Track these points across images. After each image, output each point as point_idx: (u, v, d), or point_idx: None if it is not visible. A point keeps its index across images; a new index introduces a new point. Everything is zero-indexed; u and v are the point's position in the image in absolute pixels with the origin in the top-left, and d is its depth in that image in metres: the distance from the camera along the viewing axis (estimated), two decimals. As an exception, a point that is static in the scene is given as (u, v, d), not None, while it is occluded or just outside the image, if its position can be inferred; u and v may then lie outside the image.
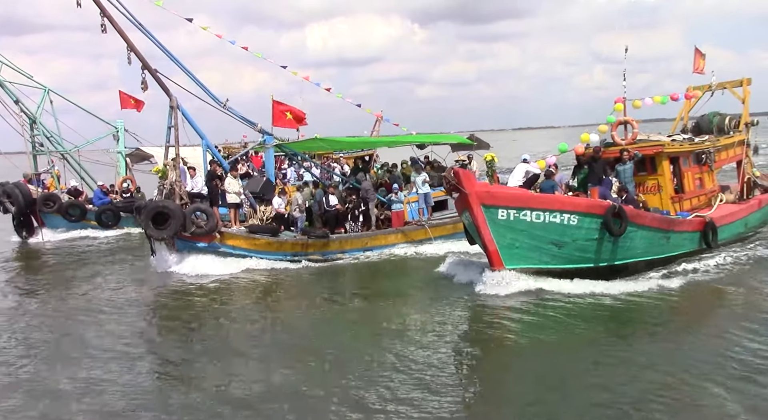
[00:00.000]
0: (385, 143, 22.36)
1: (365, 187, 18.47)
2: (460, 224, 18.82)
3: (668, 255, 14.41)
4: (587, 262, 13.33)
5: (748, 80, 18.53)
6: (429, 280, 15.13)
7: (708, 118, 18.27)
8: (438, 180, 20.38)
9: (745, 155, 18.11)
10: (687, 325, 10.99)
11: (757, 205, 17.47)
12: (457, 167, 12.77)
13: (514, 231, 12.79)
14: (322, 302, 13.64)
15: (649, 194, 15.43)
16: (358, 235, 18.24)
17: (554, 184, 13.97)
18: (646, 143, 15.53)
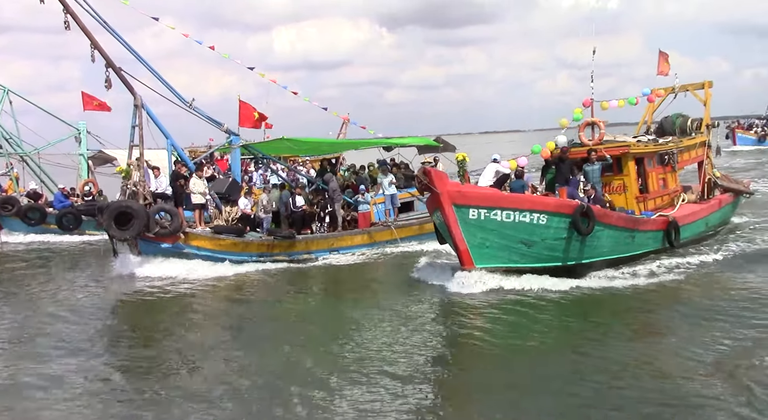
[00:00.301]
0: (351, 145, 22.30)
1: (332, 188, 18.38)
2: (426, 225, 18.94)
3: (633, 253, 14.63)
4: (556, 260, 13.45)
5: (709, 83, 18.95)
6: (397, 280, 15.11)
7: (671, 120, 18.61)
8: (404, 182, 20.44)
9: (707, 156, 18.49)
10: (652, 323, 11.14)
11: (717, 205, 17.85)
12: (429, 167, 12.72)
13: (484, 230, 12.83)
14: (287, 304, 13.46)
15: (615, 194, 15.64)
16: (324, 235, 18.15)
17: (524, 183, 14.06)
18: (613, 144, 15.75)
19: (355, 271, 16.60)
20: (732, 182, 19.38)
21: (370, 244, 18.32)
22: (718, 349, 9.21)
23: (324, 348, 10.14)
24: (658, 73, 19.03)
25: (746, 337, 9.63)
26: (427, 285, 13.90)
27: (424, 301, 12.80)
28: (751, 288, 12.52)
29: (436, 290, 13.35)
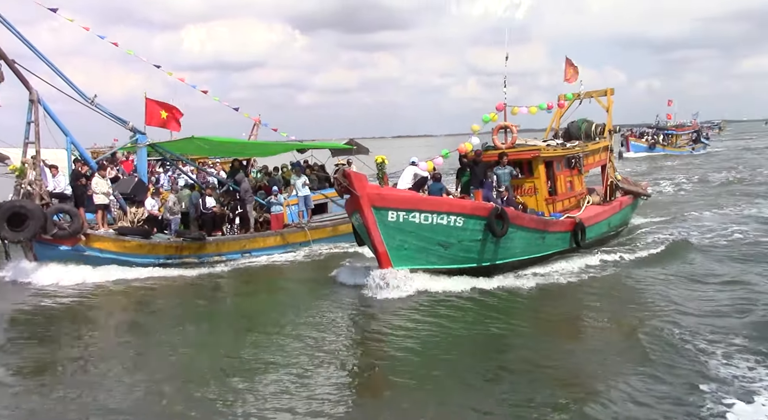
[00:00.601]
0: (264, 147, 21.79)
1: (244, 189, 17.92)
2: (339, 227, 19.00)
3: (543, 254, 15.10)
4: (471, 261, 13.68)
5: (611, 90, 19.90)
6: (313, 283, 14.92)
7: (577, 125, 19.39)
8: (318, 183, 20.23)
9: (609, 160, 19.41)
10: (562, 320, 11.48)
11: (619, 207, 18.76)
12: (348, 169, 12.61)
13: (403, 233, 12.87)
14: (197, 308, 12.97)
15: (526, 196, 16.10)
16: (235, 237, 17.68)
17: (442, 186, 14.22)
18: (524, 148, 16.21)
19: (269, 274, 16.24)
20: (632, 185, 20.44)
21: (284, 246, 18.01)
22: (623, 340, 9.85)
23: (234, 352, 9.82)
24: (565, 80, 19.78)
25: (639, 326, 10.43)
26: (344, 287, 13.78)
27: (340, 304, 12.67)
28: (644, 281, 13.42)
29: (352, 292, 13.24)
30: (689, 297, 12.14)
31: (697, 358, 8.87)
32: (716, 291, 12.55)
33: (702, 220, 21.13)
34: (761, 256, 15.44)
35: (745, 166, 44.65)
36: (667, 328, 10.10)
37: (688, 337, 9.66)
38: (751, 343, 9.37)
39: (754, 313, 10.81)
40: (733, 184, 33.38)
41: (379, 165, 13.05)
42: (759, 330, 9.90)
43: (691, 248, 16.39)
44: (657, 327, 10.18)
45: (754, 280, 12.98)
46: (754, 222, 20.55)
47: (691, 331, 9.97)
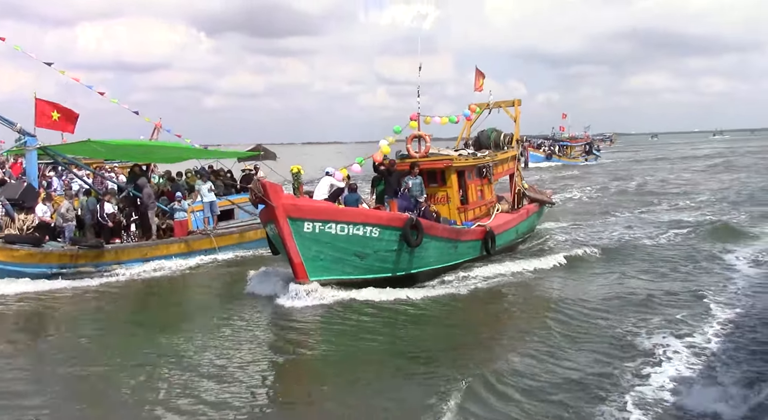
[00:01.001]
0: (167, 150, 20.77)
1: (146, 194, 17.04)
2: (247, 233, 18.58)
3: (456, 262, 15.26)
4: (386, 271, 13.64)
5: (518, 101, 20.50)
6: (222, 292, 14.50)
7: (487, 134, 19.83)
8: (224, 189, 19.58)
9: (517, 169, 19.97)
10: (480, 326, 11.83)
11: (526, 214, 19.33)
12: (264, 179, 12.24)
13: (319, 243, 12.65)
14: (95, 322, 12.16)
15: (438, 204, 16.23)
16: (136, 244, 16.76)
17: (358, 197, 14.08)
18: (437, 157, 16.34)
19: (174, 283, 15.58)
20: (538, 193, 21.14)
21: (188, 254, 17.28)
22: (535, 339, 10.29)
23: (137, 366, 9.29)
24: (475, 90, 20.17)
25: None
26: (256, 296, 13.42)
27: (252, 313, 12.32)
28: (551, 286, 14.02)
29: (265, 301, 12.92)
30: (589, 292, 13.22)
31: (605, 337, 10.29)
32: (608, 284, 13.93)
33: (600, 225, 22.37)
34: (654, 256, 16.80)
35: (636, 176, 47.84)
36: (568, 319, 11.24)
37: (593, 322, 11.08)
38: (637, 325, 10.78)
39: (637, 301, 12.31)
40: (627, 193, 35.43)
41: (295, 175, 12.75)
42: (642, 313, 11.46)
43: (591, 251, 17.18)
44: (560, 319, 11.28)
45: (641, 275, 14.49)
46: (648, 225, 22.07)
47: (592, 318, 11.35)
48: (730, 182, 39.84)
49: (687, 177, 46.65)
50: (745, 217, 23.56)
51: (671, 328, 10.59)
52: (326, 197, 13.70)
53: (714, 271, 15.16)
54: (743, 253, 17.00)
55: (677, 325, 10.78)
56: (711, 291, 12.98)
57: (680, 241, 18.97)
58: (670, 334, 10.19)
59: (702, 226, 21.18)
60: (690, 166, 61.10)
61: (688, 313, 11.46)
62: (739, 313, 11.44)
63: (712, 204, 28.36)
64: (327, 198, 13.68)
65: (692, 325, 10.72)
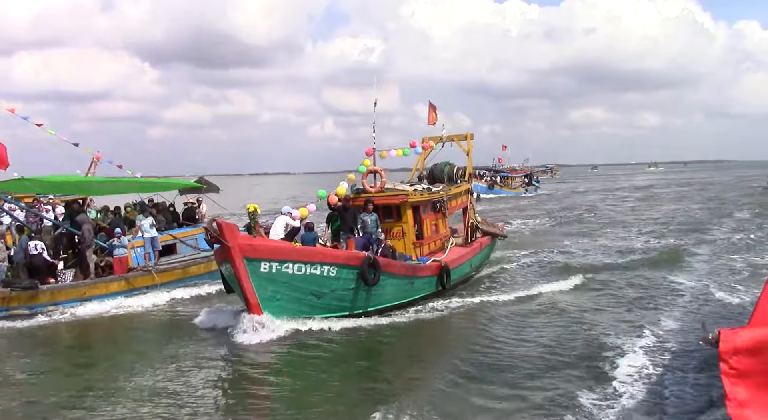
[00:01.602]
0: (107, 184, 20.23)
1: (86, 230, 16.51)
2: (190, 268, 18.30)
3: (412, 298, 15.33)
4: (343, 310, 13.63)
5: (471, 135, 20.88)
6: (169, 330, 14.14)
7: (440, 167, 20.10)
8: (166, 223, 19.20)
9: (470, 202, 20.28)
10: (423, 352, 11.96)
11: (479, 248, 19.60)
12: (220, 219, 12.10)
13: (276, 283, 12.57)
14: (32, 366, 11.60)
15: (394, 240, 16.32)
16: (74, 283, 16.15)
17: (315, 236, 14.07)
18: (392, 192, 16.47)
19: (116, 322, 15.03)
20: (490, 226, 21.48)
21: (129, 291, 16.72)
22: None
23: (75, 410, 8.99)
24: (428, 123, 20.46)
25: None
26: (206, 332, 13.24)
27: (203, 350, 12.08)
28: (501, 317, 14.18)
29: (217, 337, 12.73)
30: (542, 323, 13.45)
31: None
32: (552, 314, 14.19)
33: (548, 254, 23.00)
34: (599, 285, 17.34)
35: (578, 206, 49.36)
36: (515, 349, 11.59)
37: (534, 351, 11.43)
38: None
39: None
40: (571, 223, 36.33)
41: (251, 214, 12.69)
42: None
43: (542, 281, 17.70)
44: (503, 347, 11.68)
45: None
46: (598, 252, 22.97)
47: (537, 345, 11.82)
48: (670, 212, 41.50)
49: (629, 206, 48.34)
50: (691, 242, 24.87)
51: (606, 357, 10.83)
52: (283, 236, 13.64)
53: (659, 297, 15.79)
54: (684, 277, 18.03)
55: (610, 358, 10.96)
56: (654, 317, 13.61)
57: (625, 269, 19.74)
58: (606, 363, 10.51)
59: (649, 252, 22.23)
60: (630, 195, 63.75)
61: (628, 343, 11.74)
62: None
63: (657, 231, 29.57)
64: (284, 237, 13.63)
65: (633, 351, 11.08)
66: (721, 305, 14.70)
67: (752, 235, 27.12)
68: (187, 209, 21.13)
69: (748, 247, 23.64)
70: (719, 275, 18.23)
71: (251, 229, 12.71)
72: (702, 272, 18.88)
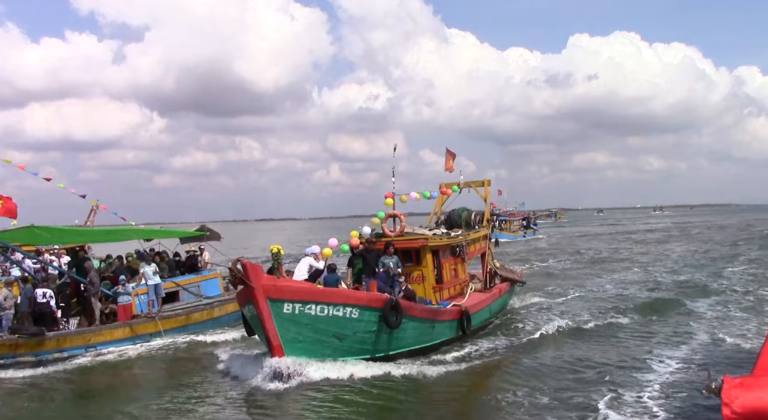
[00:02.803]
0: (111, 233, 20.60)
1: (92, 278, 16.82)
2: (192, 315, 18.50)
3: (433, 343, 15.21)
4: (365, 353, 13.51)
5: (488, 181, 21.09)
6: (175, 376, 14.10)
7: (458, 213, 20.25)
8: (169, 272, 19.41)
9: (488, 248, 20.30)
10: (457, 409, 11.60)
11: (499, 294, 19.52)
12: (244, 260, 12.20)
13: (298, 325, 12.54)
14: (38, 417, 11.45)
15: (414, 284, 16.30)
16: (79, 331, 16.31)
17: (338, 277, 14.10)
18: (412, 236, 16.57)
19: (123, 369, 15.08)
20: (509, 272, 21.44)
21: (133, 338, 16.89)
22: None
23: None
24: (445, 169, 20.73)
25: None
26: (226, 378, 13.19)
27: (222, 397, 11.95)
28: (523, 364, 14.00)
29: (238, 385, 12.64)
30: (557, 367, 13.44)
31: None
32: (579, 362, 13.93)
33: (565, 300, 22.98)
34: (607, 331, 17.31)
35: (583, 250, 49.46)
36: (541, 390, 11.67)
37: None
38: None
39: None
40: (578, 268, 36.21)
41: (275, 255, 12.77)
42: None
43: (559, 329, 17.40)
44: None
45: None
46: (609, 298, 22.93)
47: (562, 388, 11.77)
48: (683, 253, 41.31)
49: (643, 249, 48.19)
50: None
51: (621, 400, 10.96)
52: (306, 278, 13.68)
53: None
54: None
55: (625, 395, 11.21)
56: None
57: (637, 312, 19.87)
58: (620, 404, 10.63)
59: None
60: (644, 238, 63.35)
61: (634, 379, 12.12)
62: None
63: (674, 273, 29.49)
64: (307, 279, 13.67)
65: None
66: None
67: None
68: (189, 257, 21.47)
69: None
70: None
71: (274, 270, 12.76)
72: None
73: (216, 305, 19.49)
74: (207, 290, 20.07)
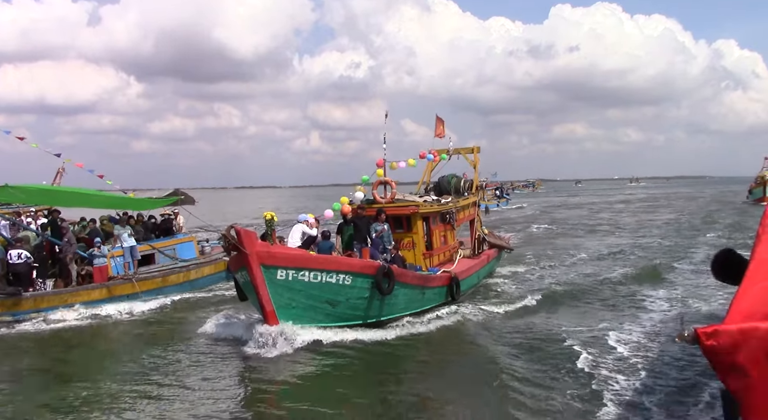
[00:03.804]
0: (87, 197, 20.21)
1: (68, 238, 16.75)
2: (169, 277, 18.65)
3: (423, 308, 15.37)
4: (357, 319, 13.62)
5: (477, 148, 21.05)
6: (160, 335, 14.23)
7: (447, 179, 20.25)
8: (144, 234, 19.33)
9: (477, 215, 20.39)
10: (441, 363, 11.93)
11: (486, 260, 19.69)
12: (238, 226, 12.12)
13: (292, 291, 12.56)
14: (24, 378, 11.42)
15: (404, 250, 16.38)
16: (56, 291, 16.26)
17: (332, 244, 14.09)
18: (403, 203, 16.57)
19: (104, 329, 15.13)
20: (497, 238, 21.58)
21: (110, 299, 16.89)
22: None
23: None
24: (435, 136, 20.61)
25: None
26: (215, 343, 13.22)
27: (215, 362, 11.97)
28: (513, 328, 14.22)
29: (227, 349, 12.70)
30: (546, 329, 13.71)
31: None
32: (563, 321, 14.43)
33: (545, 265, 23.39)
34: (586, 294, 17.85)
35: (559, 219, 50.22)
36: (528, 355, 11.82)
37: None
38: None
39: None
40: (558, 236, 36.66)
41: (268, 222, 12.69)
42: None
43: (543, 293, 17.71)
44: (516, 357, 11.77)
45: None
46: (589, 262, 23.44)
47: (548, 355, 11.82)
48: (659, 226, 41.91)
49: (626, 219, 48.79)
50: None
51: (604, 356, 11.41)
52: (299, 244, 13.66)
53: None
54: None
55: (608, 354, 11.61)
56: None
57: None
58: (604, 362, 11.02)
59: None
60: (624, 208, 64.25)
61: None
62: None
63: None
64: (300, 245, 13.65)
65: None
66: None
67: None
68: (164, 220, 21.45)
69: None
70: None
71: (267, 237, 12.69)
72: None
73: (192, 268, 19.59)
74: (182, 253, 20.11)
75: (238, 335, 13.40)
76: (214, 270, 20.35)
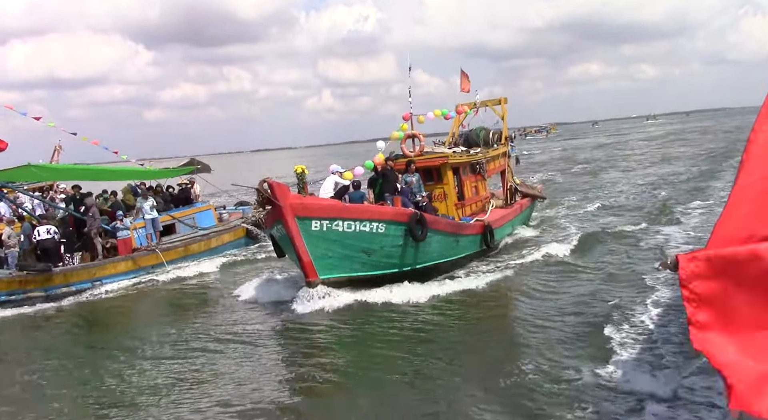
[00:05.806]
0: (106, 172, 20.81)
1: (93, 213, 17.22)
2: (191, 246, 19.12)
3: (458, 256, 15.51)
4: (393, 267, 13.83)
5: (504, 99, 20.93)
6: (201, 302, 14.51)
7: (476, 132, 20.22)
8: (164, 205, 19.79)
9: (508, 166, 20.37)
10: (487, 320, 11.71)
11: (520, 209, 19.70)
12: (271, 180, 12.38)
13: (327, 241, 12.82)
14: (68, 350, 11.81)
15: (436, 201, 16.52)
16: (84, 265, 16.82)
17: (363, 194, 14.30)
18: (433, 155, 16.66)
19: (136, 300, 15.60)
20: (529, 188, 21.52)
21: (136, 271, 17.45)
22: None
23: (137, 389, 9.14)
24: (461, 90, 20.59)
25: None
26: (258, 305, 13.53)
27: (261, 324, 12.28)
28: (550, 275, 14.20)
29: (271, 310, 12.98)
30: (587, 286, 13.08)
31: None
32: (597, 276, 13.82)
33: (578, 212, 23.19)
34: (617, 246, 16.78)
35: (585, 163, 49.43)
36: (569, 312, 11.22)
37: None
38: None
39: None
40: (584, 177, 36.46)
41: (299, 175, 12.94)
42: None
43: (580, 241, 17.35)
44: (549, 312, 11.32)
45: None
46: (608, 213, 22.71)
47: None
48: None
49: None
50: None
51: (626, 316, 10.55)
52: (332, 195, 13.89)
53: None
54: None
55: (629, 312, 10.81)
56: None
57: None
58: (624, 323, 10.21)
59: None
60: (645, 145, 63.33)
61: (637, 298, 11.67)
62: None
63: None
64: (333, 196, 13.88)
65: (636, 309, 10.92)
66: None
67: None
68: (181, 190, 21.86)
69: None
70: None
71: (300, 190, 12.95)
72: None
73: (212, 236, 20.00)
74: (201, 221, 20.48)
75: (274, 297, 13.73)
76: (234, 237, 20.79)
